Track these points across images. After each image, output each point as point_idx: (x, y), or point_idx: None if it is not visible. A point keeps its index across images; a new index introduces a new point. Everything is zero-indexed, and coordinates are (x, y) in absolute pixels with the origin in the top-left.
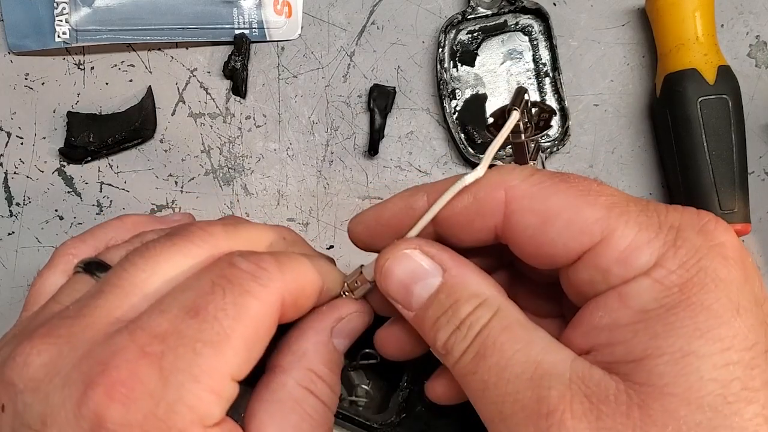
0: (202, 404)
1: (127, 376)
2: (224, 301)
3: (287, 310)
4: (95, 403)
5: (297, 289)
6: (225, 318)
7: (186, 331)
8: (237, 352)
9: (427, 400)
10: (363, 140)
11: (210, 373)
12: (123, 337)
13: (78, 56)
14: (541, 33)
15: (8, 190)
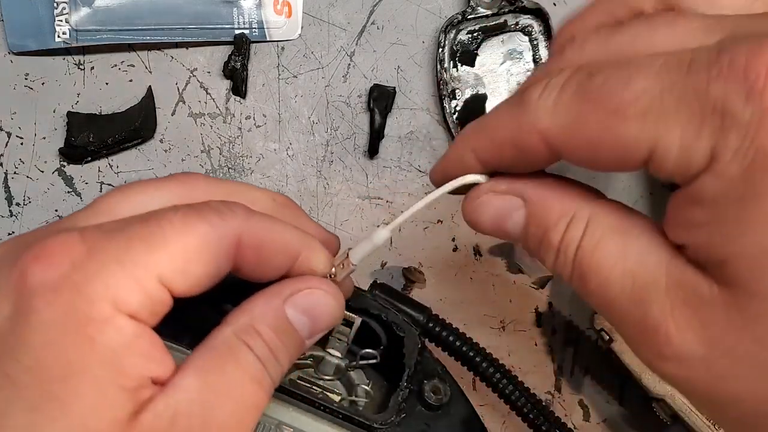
0: (119, 286)
1: (58, 247)
2: (175, 216)
3: (247, 256)
4: (22, 264)
5: (261, 237)
6: (169, 226)
7: (128, 228)
8: (171, 258)
9: (427, 400)
10: (363, 140)
11: (136, 262)
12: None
13: (78, 56)
14: (542, 33)
15: (8, 190)
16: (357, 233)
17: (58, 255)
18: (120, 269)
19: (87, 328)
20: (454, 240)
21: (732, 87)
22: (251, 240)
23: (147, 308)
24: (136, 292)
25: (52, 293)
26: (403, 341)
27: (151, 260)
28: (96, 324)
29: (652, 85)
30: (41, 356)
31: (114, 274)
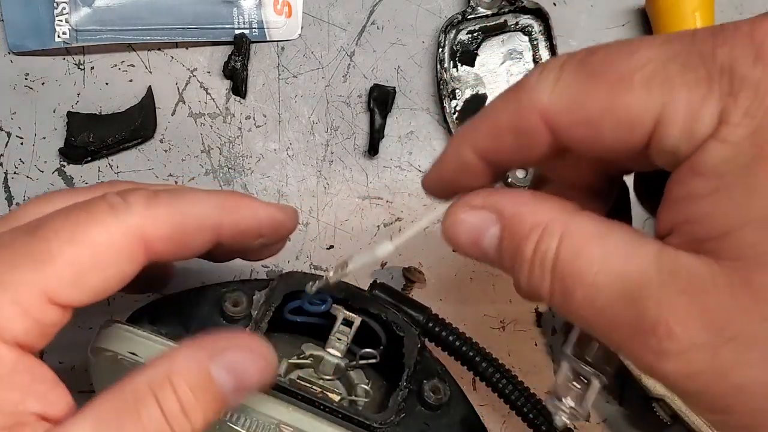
0: (1, 313)
1: None
2: (63, 224)
3: (159, 247)
4: None
5: (168, 224)
6: (55, 239)
7: (15, 245)
8: (60, 273)
9: (426, 400)
10: (363, 140)
11: (21, 286)
12: None
13: (78, 56)
14: (541, 33)
15: (8, 190)
16: (357, 233)
17: None
18: (2, 294)
19: None
20: None
21: (739, 50)
22: (158, 231)
23: (34, 332)
24: (19, 317)
25: None
26: (402, 341)
27: (36, 279)
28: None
29: (657, 54)
30: None
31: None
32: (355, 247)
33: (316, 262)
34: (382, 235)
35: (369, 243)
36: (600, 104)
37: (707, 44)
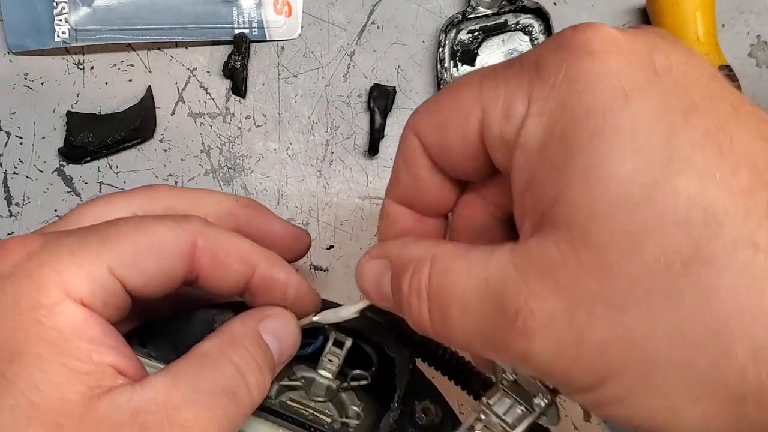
0: (69, 274)
1: (16, 244)
2: (132, 220)
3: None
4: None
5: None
6: (123, 225)
7: (85, 229)
8: (122, 251)
9: (418, 421)
10: (363, 140)
11: (87, 253)
12: (35, 232)
13: (78, 56)
14: (542, 33)
15: (8, 190)
16: (357, 233)
17: (15, 250)
18: (71, 258)
19: (35, 312)
20: None
21: (545, 46)
22: (207, 243)
23: (98, 297)
24: (85, 280)
25: (5, 281)
26: (394, 362)
27: (103, 251)
28: (44, 308)
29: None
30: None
31: (65, 263)
32: (355, 247)
33: (316, 262)
34: None
35: (369, 243)
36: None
37: (525, 54)
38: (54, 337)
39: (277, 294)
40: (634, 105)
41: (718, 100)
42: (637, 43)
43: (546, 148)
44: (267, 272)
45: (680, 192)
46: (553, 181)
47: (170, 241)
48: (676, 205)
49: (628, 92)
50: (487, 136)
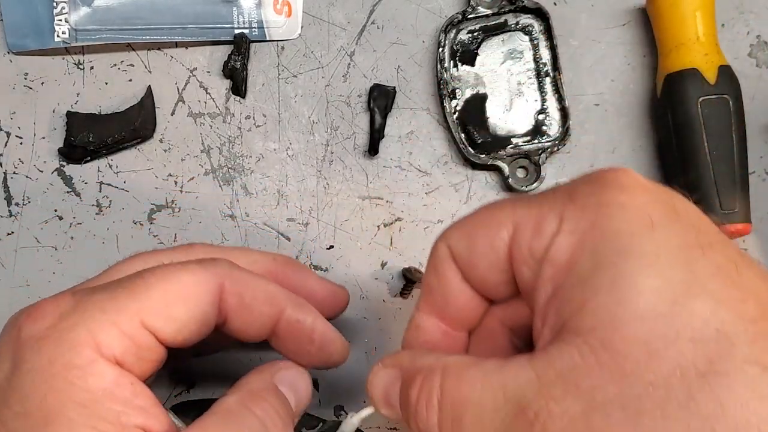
0: (102, 333)
1: (49, 304)
2: (159, 269)
3: (231, 303)
4: (19, 323)
5: (244, 284)
6: (151, 277)
7: (114, 283)
8: (153, 302)
9: None
10: (363, 140)
11: (119, 309)
12: (67, 291)
13: (77, 56)
14: (542, 32)
15: (7, 190)
16: (357, 233)
17: (48, 311)
18: (103, 316)
19: (68, 373)
20: None
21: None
22: (234, 286)
23: (132, 353)
24: (118, 337)
25: (38, 343)
26: None
27: (133, 306)
28: (77, 369)
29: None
30: (27, 402)
31: (96, 321)
32: (355, 247)
33: (316, 262)
34: (382, 235)
35: (369, 243)
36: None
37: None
38: (85, 399)
39: (304, 338)
40: (658, 233)
41: (727, 244)
42: (658, 188)
43: (575, 261)
44: (293, 316)
45: (696, 312)
46: (579, 290)
47: (199, 287)
48: (693, 323)
49: (654, 222)
50: (516, 250)
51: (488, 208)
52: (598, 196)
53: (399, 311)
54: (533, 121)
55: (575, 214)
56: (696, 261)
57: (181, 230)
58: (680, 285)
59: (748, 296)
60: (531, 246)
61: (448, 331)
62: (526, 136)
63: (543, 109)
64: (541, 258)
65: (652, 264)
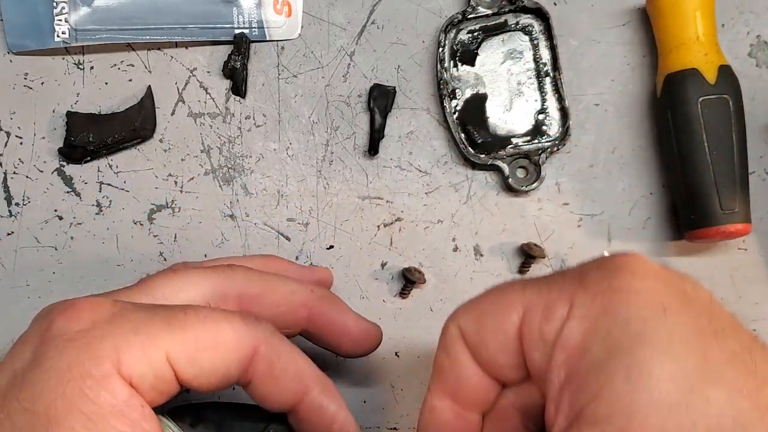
0: (127, 353)
1: (87, 306)
2: (204, 311)
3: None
4: (52, 315)
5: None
6: (193, 317)
7: (160, 309)
8: (184, 341)
9: None
10: (363, 140)
11: (150, 336)
12: (108, 297)
13: (77, 56)
14: (542, 32)
15: (7, 190)
16: (357, 233)
17: (84, 312)
18: (133, 337)
19: (83, 381)
20: (454, 240)
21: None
22: (267, 353)
23: (148, 380)
24: (140, 361)
25: (64, 343)
26: None
27: (165, 338)
28: (92, 380)
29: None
30: (37, 400)
31: (125, 339)
32: (355, 246)
33: (316, 262)
34: (382, 235)
35: (369, 243)
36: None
37: (564, 270)
38: (93, 412)
39: (322, 425)
40: (671, 319)
41: (739, 329)
42: (668, 272)
43: (587, 348)
44: (317, 400)
45: (712, 401)
46: (594, 377)
47: (233, 343)
48: (709, 412)
49: (666, 308)
50: (526, 333)
51: (498, 291)
52: (609, 281)
53: (399, 311)
54: (533, 121)
55: (586, 300)
56: (710, 347)
57: (181, 230)
58: (695, 372)
59: (764, 383)
60: (541, 330)
61: (462, 412)
62: (526, 136)
63: (543, 109)
64: (553, 342)
65: (666, 351)
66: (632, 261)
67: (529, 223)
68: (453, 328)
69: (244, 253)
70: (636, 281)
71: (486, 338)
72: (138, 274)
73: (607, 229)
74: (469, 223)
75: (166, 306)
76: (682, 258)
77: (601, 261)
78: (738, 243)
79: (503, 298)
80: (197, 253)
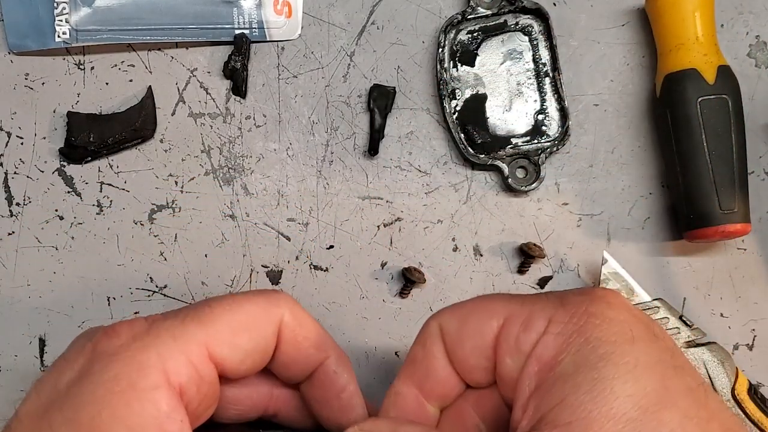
0: (171, 358)
1: (125, 325)
2: (226, 299)
3: (286, 337)
4: (96, 338)
5: (300, 322)
6: (218, 307)
7: (184, 311)
8: (219, 332)
9: None
10: (363, 140)
11: (188, 338)
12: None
13: (78, 56)
14: (541, 33)
15: (8, 190)
16: (357, 233)
17: (123, 329)
18: (173, 343)
19: (129, 393)
20: (454, 240)
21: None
22: (291, 321)
23: (194, 383)
24: (185, 365)
25: (110, 358)
26: None
27: (202, 335)
28: (138, 392)
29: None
30: (81, 412)
31: (167, 347)
32: (355, 246)
33: (316, 262)
34: (382, 235)
35: (369, 243)
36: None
37: (550, 293)
38: (135, 425)
39: (333, 391)
40: (637, 347)
41: (695, 372)
42: (640, 312)
43: (558, 361)
44: (332, 367)
45: (665, 422)
46: (560, 387)
47: (263, 318)
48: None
49: (635, 337)
50: (503, 340)
51: (483, 299)
52: (586, 306)
53: (399, 311)
54: (533, 121)
55: (563, 319)
56: (670, 378)
57: (182, 230)
58: (653, 395)
59: (713, 418)
60: (518, 339)
61: (423, 403)
62: (526, 137)
63: (542, 110)
64: (528, 353)
65: (630, 372)
66: (610, 295)
67: (529, 223)
68: (434, 324)
69: (244, 252)
70: (611, 311)
71: (464, 338)
72: (138, 274)
73: (606, 229)
74: (468, 223)
75: (190, 306)
76: (681, 258)
77: (583, 290)
78: (737, 243)
79: (487, 306)
80: (197, 253)
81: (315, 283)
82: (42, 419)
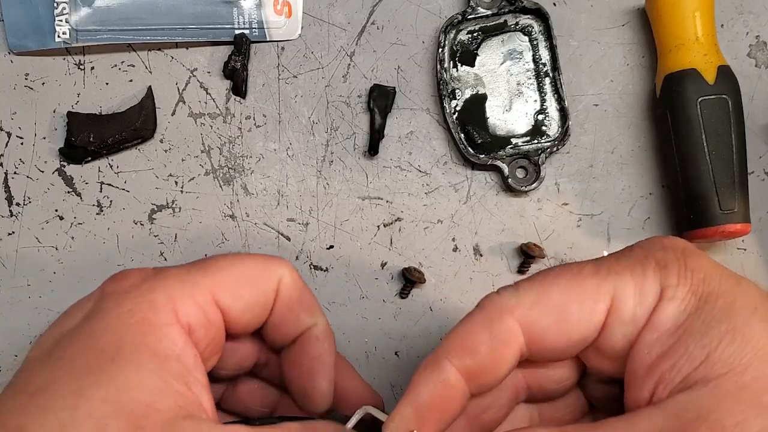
0: (179, 299)
1: (132, 270)
2: (230, 256)
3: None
4: (104, 283)
5: (296, 285)
6: (222, 259)
7: (190, 264)
8: (223, 281)
9: None
10: (363, 140)
11: (194, 283)
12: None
13: (78, 56)
14: (541, 33)
15: (8, 190)
16: (357, 233)
17: (131, 275)
18: (181, 285)
19: (144, 327)
20: (454, 240)
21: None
22: (288, 283)
23: (202, 325)
24: (194, 306)
25: (120, 296)
26: None
27: (207, 282)
28: (153, 327)
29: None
30: (99, 340)
31: (176, 289)
32: (355, 247)
33: (316, 262)
34: (382, 235)
35: (369, 243)
36: (561, 294)
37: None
38: (159, 349)
39: (307, 356)
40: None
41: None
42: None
43: (683, 324)
44: (316, 333)
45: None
46: (699, 346)
47: (264, 275)
48: None
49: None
50: (616, 318)
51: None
52: (685, 263)
53: (399, 311)
54: (533, 121)
55: (672, 282)
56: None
57: (182, 230)
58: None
59: None
60: (635, 314)
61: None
62: (526, 137)
63: (542, 110)
64: (642, 324)
65: (753, 315)
66: (681, 242)
67: (529, 223)
68: (512, 323)
69: (243, 252)
70: (701, 259)
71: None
72: None
73: (606, 229)
74: (468, 223)
75: (194, 261)
76: None
77: (662, 244)
78: (737, 243)
79: (580, 287)
80: (197, 253)
81: (315, 283)
82: (52, 353)
